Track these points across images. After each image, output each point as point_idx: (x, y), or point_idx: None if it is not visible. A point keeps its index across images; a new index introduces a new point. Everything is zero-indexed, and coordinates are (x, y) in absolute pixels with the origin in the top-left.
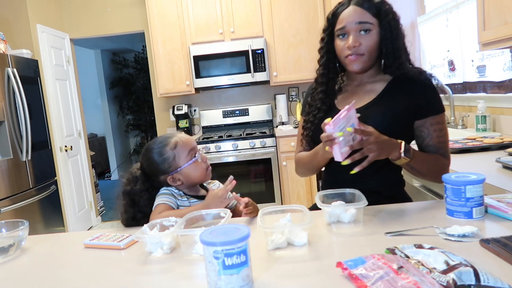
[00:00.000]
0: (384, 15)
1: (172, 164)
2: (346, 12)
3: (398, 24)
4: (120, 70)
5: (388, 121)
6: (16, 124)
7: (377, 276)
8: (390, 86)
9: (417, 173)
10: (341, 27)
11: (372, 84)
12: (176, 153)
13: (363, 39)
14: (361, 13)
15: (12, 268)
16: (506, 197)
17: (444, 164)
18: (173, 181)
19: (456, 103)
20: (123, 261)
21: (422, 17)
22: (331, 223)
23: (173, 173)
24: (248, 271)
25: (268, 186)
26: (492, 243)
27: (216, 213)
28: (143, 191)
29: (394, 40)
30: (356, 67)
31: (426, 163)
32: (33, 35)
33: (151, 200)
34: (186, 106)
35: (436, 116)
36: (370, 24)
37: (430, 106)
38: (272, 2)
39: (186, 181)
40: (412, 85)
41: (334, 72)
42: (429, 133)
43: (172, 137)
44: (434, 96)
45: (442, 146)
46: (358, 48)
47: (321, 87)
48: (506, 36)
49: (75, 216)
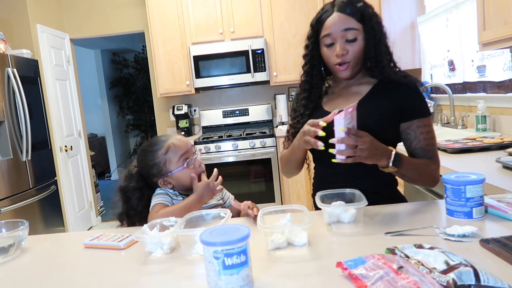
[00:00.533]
0: (368, 19)
1: (163, 169)
2: (331, 19)
3: (382, 27)
4: (120, 70)
5: (374, 122)
6: (16, 124)
7: (377, 276)
8: (375, 88)
9: (408, 179)
10: (327, 34)
11: (358, 86)
12: (167, 158)
13: (350, 46)
14: (346, 20)
15: (12, 268)
16: (506, 197)
17: (434, 170)
18: (164, 184)
19: (456, 103)
20: (123, 261)
21: (422, 17)
22: (331, 223)
23: (164, 176)
24: (248, 271)
25: (268, 186)
26: (492, 243)
27: (216, 213)
28: (136, 189)
29: (377, 45)
30: (345, 74)
31: (416, 170)
32: (33, 35)
33: (142, 198)
34: (186, 106)
35: (422, 119)
36: (356, 30)
37: (415, 109)
38: (272, 2)
39: (177, 185)
40: (397, 88)
41: (317, 78)
42: (416, 136)
43: (166, 141)
44: (419, 99)
45: (431, 149)
46: (345, 56)
47: (304, 94)
48: (506, 36)
49: (75, 216)
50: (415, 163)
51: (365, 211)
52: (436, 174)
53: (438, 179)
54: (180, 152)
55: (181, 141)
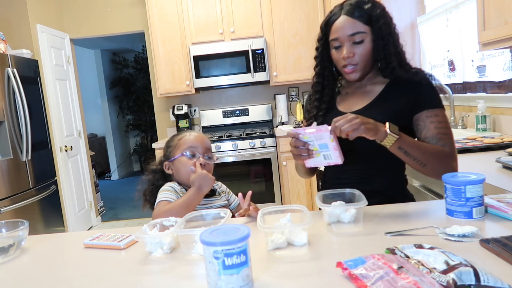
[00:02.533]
0: (376, 21)
1: (171, 152)
2: (338, 23)
3: (390, 28)
4: (120, 70)
5: (389, 121)
6: (16, 124)
7: (377, 276)
8: (388, 88)
9: (415, 162)
10: (334, 38)
11: (371, 86)
12: (178, 143)
13: (357, 49)
14: (353, 24)
15: (12, 268)
16: (506, 197)
17: (446, 154)
18: (166, 168)
19: (456, 103)
20: (123, 261)
21: (422, 17)
22: (331, 223)
23: (169, 160)
24: (248, 271)
25: (268, 186)
26: (492, 243)
27: (216, 213)
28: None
29: (386, 47)
30: (353, 77)
31: (422, 150)
32: (33, 35)
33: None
34: (186, 106)
35: (433, 110)
36: (362, 33)
37: (425, 100)
38: (272, 2)
39: (176, 173)
40: (409, 86)
41: (329, 79)
42: (426, 125)
43: (188, 132)
44: (430, 91)
45: (443, 138)
46: (352, 59)
47: (316, 95)
48: (506, 36)
49: (75, 216)
50: (419, 143)
51: (365, 211)
52: (451, 163)
53: (455, 170)
54: (189, 143)
55: (198, 137)
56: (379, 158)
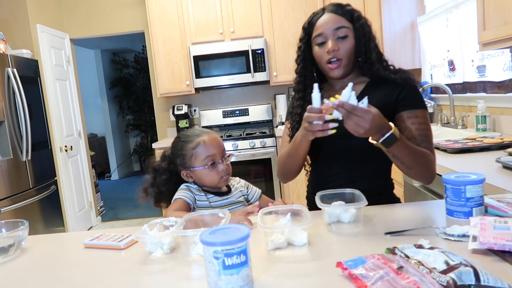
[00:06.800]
0: (357, 19)
1: (187, 162)
2: (322, 19)
3: (370, 28)
4: (120, 70)
5: None
6: (16, 124)
7: (377, 276)
8: (369, 87)
9: (401, 164)
10: (319, 34)
11: None
12: (194, 153)
13: (341, 44)
14: (337, 19)
15: (12, 268)
16: (506, 197)
17: (431, 161)
18: (186, 176)
19: (456, 103)
20: (123, 261)
21: (422, 17)
22: (331, 223)
23: (187, 169)
24: (248, 271)
25: (268, 186)
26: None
27: (216, 213)
28: (165, 171)
29: (367, 42)
30: (337, 73)
31: (412, 156)
32: (33, 35)
33: (169, 181)
34: (186, 106)
35: (413, 111)
36: (346, 28)
37: (405, 101)
38: (272, 2)
39: (198, 181)
40: (389, 84)
41: (311, 79)
42: (407, 126)
43: (199, 136)
44: (411, 92)
45: (425, 140)
46: (337, 53)
47: (299, 94)
48: (506, 36)
49: (75, 216)
50: (412, 147)
51: (365, 211)
52: (433, 167)
53: (435, 174)
54: (208, 152)
55: (213, 141)
56: (364, 162)
